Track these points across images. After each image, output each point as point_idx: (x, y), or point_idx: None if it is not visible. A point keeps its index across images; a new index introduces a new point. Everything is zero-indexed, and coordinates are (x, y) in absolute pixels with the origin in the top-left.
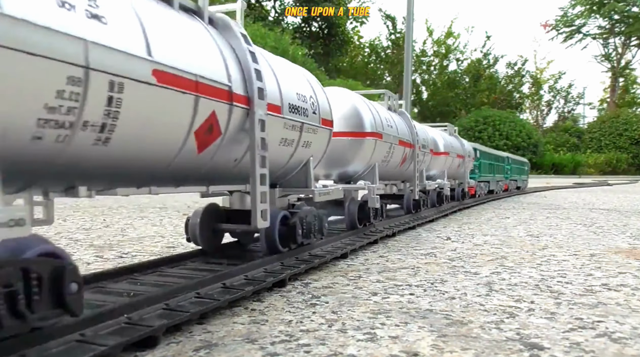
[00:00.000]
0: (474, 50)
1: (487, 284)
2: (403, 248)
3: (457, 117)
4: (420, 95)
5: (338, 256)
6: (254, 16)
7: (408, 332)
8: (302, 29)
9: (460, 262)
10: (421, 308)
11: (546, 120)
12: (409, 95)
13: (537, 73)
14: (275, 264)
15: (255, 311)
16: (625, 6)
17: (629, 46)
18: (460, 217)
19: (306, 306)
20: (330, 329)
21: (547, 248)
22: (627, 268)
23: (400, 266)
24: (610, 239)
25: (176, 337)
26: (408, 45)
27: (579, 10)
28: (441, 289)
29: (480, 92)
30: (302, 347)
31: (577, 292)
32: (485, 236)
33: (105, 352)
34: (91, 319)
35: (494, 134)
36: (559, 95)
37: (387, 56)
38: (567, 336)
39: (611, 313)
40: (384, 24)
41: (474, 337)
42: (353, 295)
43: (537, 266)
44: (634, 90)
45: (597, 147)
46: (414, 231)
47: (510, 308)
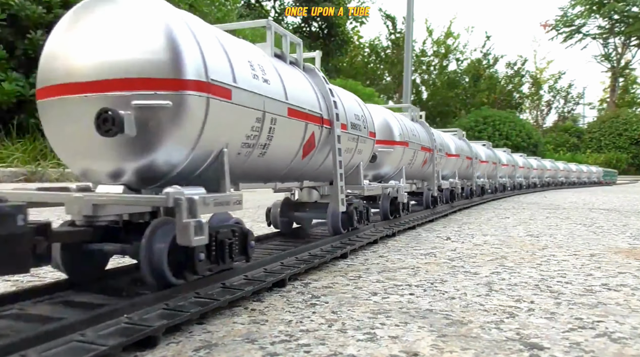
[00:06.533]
0: (473, 50)
1: (487, 284)
2: (403, 248)
3: (457, 117)
4: (420, 95)
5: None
6: (253, 16)
7: (408, 332)
8: (302, 29)
9: (460, 262)
10: (421, 308)
11: (546, 120)
12: (409, 95)
13: (537, 73)
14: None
15: (255, 311)
16: (625, 6)
17: (628, 46)
18: (460, 217)
19: (306, 306)
20: (330, 329)
21: (547, 248)
22: (627, 268)
23: (400, 266)
24: (610, 239)
25: (176, 337)
26: (408, 45)
27: (579, 10)
28: (441, 289)
29: (480, 92)
30: (302, 347)
31: (577, 292)
32: (485, 236)
33: (105, 352)
34: (91, 319)
35: (493, 134)
36: (558, 95)
37: (387, 56)
38: (567, 336)
39: (611, 313)
40: (384, 24)
41: (473, 337)
42: (353, 295)
43: (537, 266)
44: (633, 90)
45: (597, 147)
46: (413, 230)
47: (510, 308)
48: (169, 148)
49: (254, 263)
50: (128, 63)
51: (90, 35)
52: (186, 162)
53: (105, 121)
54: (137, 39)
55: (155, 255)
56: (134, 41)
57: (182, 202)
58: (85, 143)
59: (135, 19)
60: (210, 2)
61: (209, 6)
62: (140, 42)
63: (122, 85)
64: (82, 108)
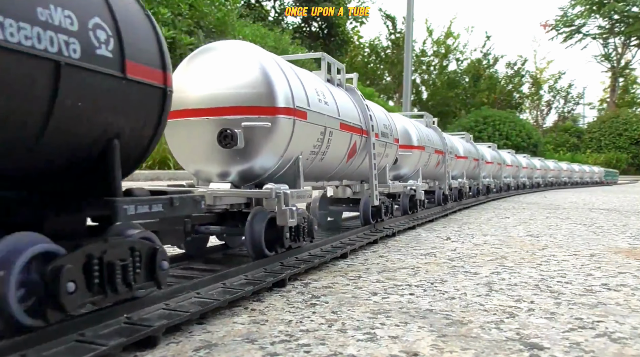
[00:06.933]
0: (473, 50)
1: (487, 284)
2: (403, 248)
3: (457, 117)
4: (420, 95)
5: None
6: (253, 16)
7: (408, 332)
8: (302, 29)
9: (460, 262)
10: (421, 308)
11: (546, 120)
12: (409, 95)
13: (537, 73)
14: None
15: (255, 311)
16: (625, 6)
17: (628, 46)
18: (460, 217)
19: (306, 306)
20: (330, 329)
21: (547, 248)
22: (627, 268)
23: (400, 266)
24: (610, 239)
25: (176, 337)
26: (408, 45)
27: (579, 10)
28: (441, 289)
29: (480, 92)
30: (302, 347)
31: (576, 292)
32: (485, 236)
33: (105, 352)
34: (91, 319)
35: (493, 134)
36: (558, 95)
37: (387, 56)
38: (567, 336)
39: (611, 313)
40: (384, 24)
41: (473, 337)
42: (353, 295)
43: (537, 266)
44: (633, 90)
45: (596, 147)
46: (413, 230)
47: (510, 308)
48: (264, 156)
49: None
50: (237, 95)
51: (203, 74)
52: (275, 167)
53: (225, 137)
54: (241, 76)
55: (256, 233)
56: (238, 78)
57: (280, 194)
58: (203, 152)
59: (237, 61)
60: (210, 2)
61: (209, 6)
62: (243, 79)
63: (234, 111)
64: (203, 127)
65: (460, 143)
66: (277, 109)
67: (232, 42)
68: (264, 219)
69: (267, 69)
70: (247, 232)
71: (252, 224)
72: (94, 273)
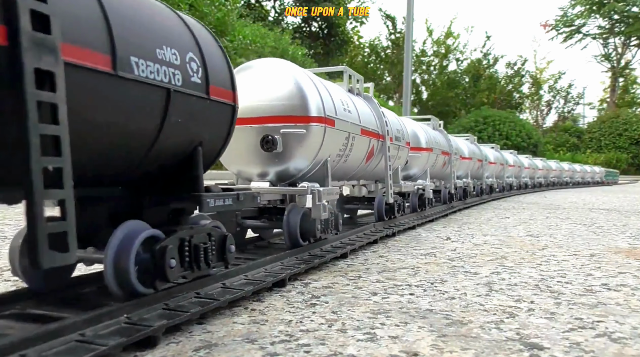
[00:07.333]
0: (473, 50)
1: (487, 284)
2: (403, 248)
3: (457, 117)
4: (420, 95)
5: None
6: (253, 16)
7: (408, 332)
8: (302, 29)
9: (460, 262)
10: (421, 308)
11: (546, 120)
12: (409, 95)
13: (537, 73)
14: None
15: (255, 311)
16: (625, 6)
17: (628, 46)
18: (460, 217)
19: (306, 306)
20: (330, 329)
21: (547, 248)
22: (627, 268)
23: (400, 266)
24: (610, 239)
25: (176, 337)
26: (408, 45)
27: (579, 10)
28: (441, 289)
29: (480, 92)
30: (302, 347)
31: (577, 292)
32: (485, 236)
33: (105, 352)
34: (91, 319)
35: (493, 134)
36: (558, 95)
37: (387, 56)
38: (567, 336)
39: (611, 313)
40: (384, 24)
41: (473, 337)
42: (353, 295)
43: (537, 266)
44: (633, 90)
45: (597, 147)
46: (414, 231)
47: (510, 308)
48: (298, 159)
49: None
50: (276, 106)
51: (245, 88)
52: (307, 168)
53: (267, 142)
54: (278, 90)
55: (292, 225)
56: (276, 91)
57: (315, 191)
58: (246, 154)
59: (274, 76)
60: (210, 2)
61: (209, 6)
62: (281, 92)
63: (274, 120)
64: (247, 133)
65: (465, 144)
66: (311, 118)
67: (269, 60)
68: (299, 213)
69: (301, 83)
70: (285, 225)
71: (289, 218)
72: (185, 253)
